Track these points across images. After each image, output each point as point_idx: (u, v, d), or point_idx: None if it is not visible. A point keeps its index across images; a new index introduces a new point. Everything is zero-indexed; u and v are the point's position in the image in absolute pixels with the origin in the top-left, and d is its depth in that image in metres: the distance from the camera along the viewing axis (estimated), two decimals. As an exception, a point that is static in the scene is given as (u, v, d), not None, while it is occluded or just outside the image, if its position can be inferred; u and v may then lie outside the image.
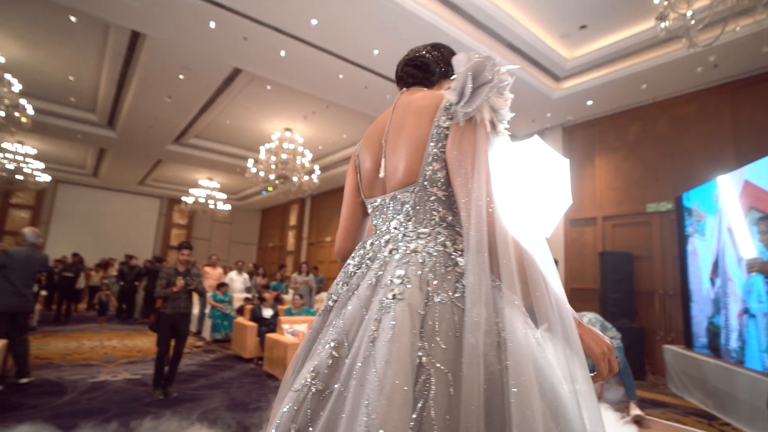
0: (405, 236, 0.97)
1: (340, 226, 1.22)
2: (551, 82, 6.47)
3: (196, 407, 3.77)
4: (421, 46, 1.20)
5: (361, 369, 0.77)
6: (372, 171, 1.09)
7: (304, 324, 5.39)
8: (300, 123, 8.80)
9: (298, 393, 0.82)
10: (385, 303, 0.83)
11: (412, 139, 0.99)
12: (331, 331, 0.89)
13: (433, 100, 1.00)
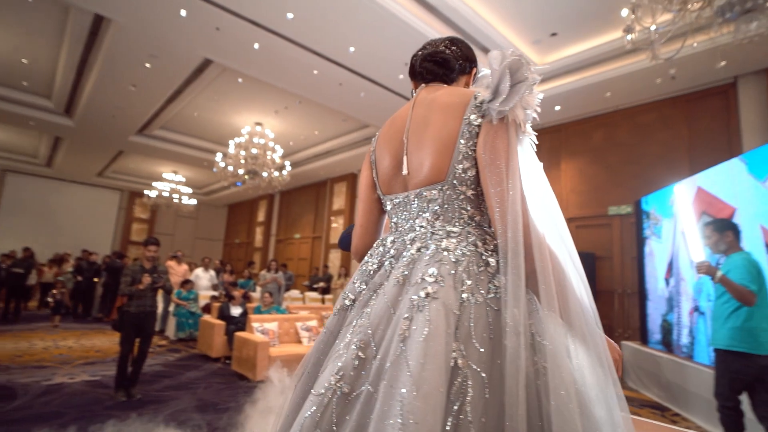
0: (434, 234, 0.94)
1: (357, 223, 1.19)
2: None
3: (163, 409, 3.65)
4: (438, 39, 1.16)
5: (391, 369, 0.74)
6: (392, 168, 1.06)
7: (275, 322, 5.31)
8: (271, 117, 8.64)
9: (321, 396, 0.78)
10: (416, 301, 0.81)
11: (439, 137, 0.97)
12: (355, 331, 0.87)
13: (461, 97, 0.98)
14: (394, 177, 1.06)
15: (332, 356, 0.88)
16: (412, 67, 1.16)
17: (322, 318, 6.35)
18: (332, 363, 0.84)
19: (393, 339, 0.79)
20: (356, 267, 4.82)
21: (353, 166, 11.01)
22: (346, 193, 11.48)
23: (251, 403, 3.54)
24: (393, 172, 1.06)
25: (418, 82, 1.15)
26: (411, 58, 1.19)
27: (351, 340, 0.85)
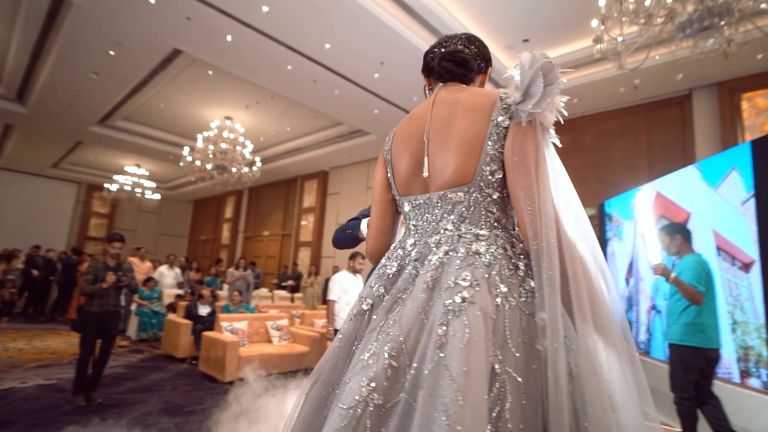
0: (461, 238, 0.92)
1: (372, 225, 1.14)
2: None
3: (127, 412, 3.51)
4: (455, 37, 1.12)
5: (430, 378, 0.71)
6: (410, 168, 1.03)
7: (244, 321, 5.21)
8: (242, 112, 8.44)
9: (352, 410, 0.74)
10: (452, 306, 0.78)
11: (465, 138, 0.95)
12: (382, 339, 0.83)
13: (487, 98, 0.97)
14: (413, 177, 1.03)
15: (356, 366, 0.84)
16: (428, 65, 1.13)
17: (292, 317, 6.27)
18: (360, 374, 0.80)
19: (428, 346, 0.76)
20: (328, 266, 4.87)
21: (325, 164, 10.93)
22: (317, 190, 11.37)
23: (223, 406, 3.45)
24: (412, 172, 1.03)
25: (435, 80, 1.12)
26: (426, 54, 1.15)
27: (380, 349, 0.81)
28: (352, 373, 0.84)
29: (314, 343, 5.24)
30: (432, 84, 1.15)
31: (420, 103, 4.32)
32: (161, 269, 8.29)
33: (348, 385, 0.81)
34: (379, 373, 0.78)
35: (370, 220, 1.15)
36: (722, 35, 3.49)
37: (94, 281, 3.70)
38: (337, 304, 3.96)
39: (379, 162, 1.16)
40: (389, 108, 7.17)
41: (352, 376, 0.82)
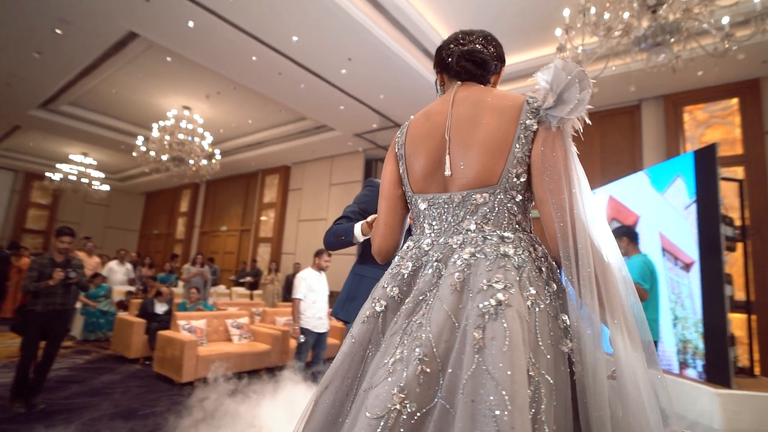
0: (486, 239, 0.91)
1: (381, 221, 1.10)
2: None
3: (74, 418, 3.29)
4: (472, 34, 1.10)
5: (470, 382, 0.70)
6: (428, 165, 1.01)
7: (203, 320, 5.02)
8: (201, 102, 8.11)
9: (383, 419, 0.72)
10: (488, 309, 0.77)
11: (493, 139, 0.94)
12: (412, 342, 0.81)
13: (514, 100, 0.96)
14: (431, 175, 1.01)
15: (379, 371, 0.81)
16: (443, 61, 1.10)
17: (253, 315, 6.12)
18: (388, 380, 0.77)
19: (464, 350, 0.75)
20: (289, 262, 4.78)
21: (287, 159, 10.72)
22: (278, 185, 11.14)
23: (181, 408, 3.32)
24: (430, 169, 1.01)
25: (450, 78, 1.10)
26: (441, 50, 1.12)
27: (409, 354, 0.79)
28: (375, 378, 0.81)
29: (276, 341, 5.14)
30: (445, 80, 1.13)
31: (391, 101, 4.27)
32: (111, 265, 7.82)
33: (373, 392, 0.77)
34: (411, 379, 0.75)
35: (378, 216, 1.11)
36: (672, 51, 3.74)
37: (39, 278, 3.44)
38: (303, 303, 3.90)
39: (390, 157, 1.12)
40: (355, 105, 7.13)
41: (376, 383, 0.79)
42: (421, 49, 5.77)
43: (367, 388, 0.81)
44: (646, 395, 0.76)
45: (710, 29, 3.74)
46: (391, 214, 1.08)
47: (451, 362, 0.77)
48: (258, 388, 3.32)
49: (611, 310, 0.81)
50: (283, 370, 5.16)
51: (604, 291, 0.81)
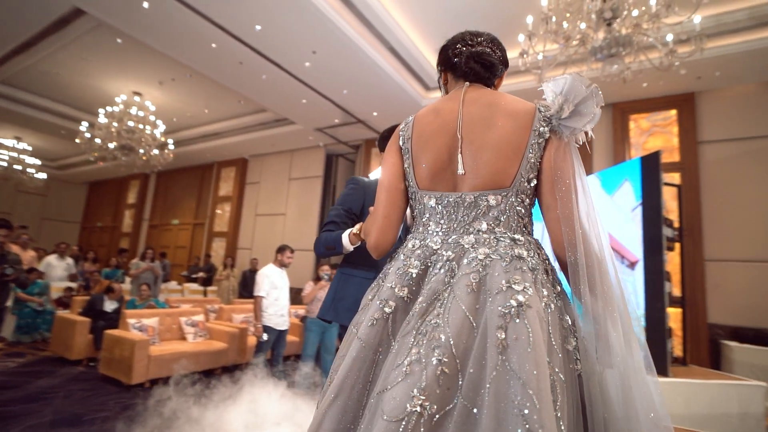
0: (499, 241, 0.93)
1: (380, 215, 1.06)
2: (421, 90, 7.00)
3: (11, 427, 3.02)
4: (479, 36, 1.11)
5: (495, 382, 0.72)
6: (437, 162, 1.01)
7: (155, 318, 4.78)
8: (154, 88, 7.68)
9: (404, 422, 0.72)
10: (509, 310, 0.79)
11: (507, 142, 0.96)
12: (429, 342, 0.80)
13: (526, 106, 1.00)
14: (440, 173, 1.01)
15: (394, 373, 0.80)
16: (449, 60, 1.11)
17: (208, 312, 5.91)
18: (405, 381, 0.76)
19: (486, 350, 0.76)
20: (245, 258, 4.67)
21: (245, 151, 10.40)
22: (234, 178, 10.78)
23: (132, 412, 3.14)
24: (439, 167, 1.01)
25: (457, 78, 1.11)
26: (447, 49, 1.12)
27: (427, 354, 0.79)
28: (388, 381, 0.80)
29: (233, 339, 4.99)
30: (449, 79, 1.14)
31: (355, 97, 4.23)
32: (49, 259, 7.25)
33: (389, 395, 0.77)
34: (431, 381, 0.75)
35: (376, 209, 1.08)
36: (623, 63, 3.98)
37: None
38: (265, 300, 3.81)
39: (393, 150, 1.09)
40: (318, 99, 7.02)
41: (391, 385, 0.78)
42: (387, 46, 5.78)
43: (380, 391, 0.80)
44: (642, 393, 0.81)
45: (657, 44, 4.01)
46: (392, 208, 1.06)
47: (471, 362, 0.78)
48: (217, 388, 3.22)
49: (610, 312, 0.85)
50: (242, 369, 5.03)
51: (601, 293, 0.86)
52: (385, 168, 1.09)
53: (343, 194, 1.82)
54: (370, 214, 1.10)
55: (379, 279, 1.06)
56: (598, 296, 0.86)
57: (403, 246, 1.04)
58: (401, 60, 6.16)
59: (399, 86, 6.48)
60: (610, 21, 3.77)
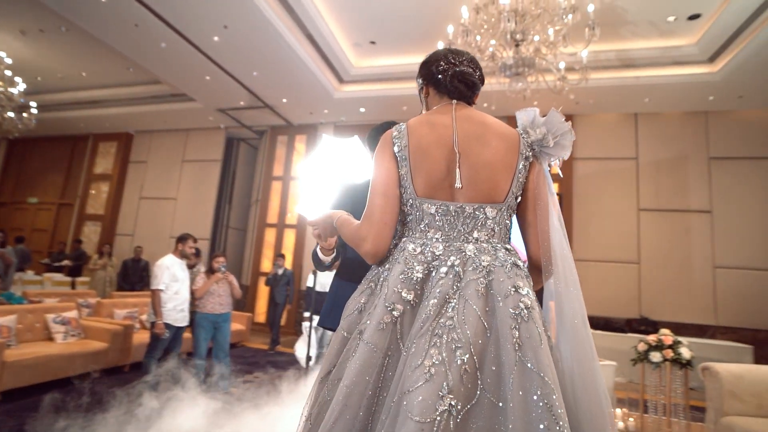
0: (497, 250, 1.01)
1: (377, 220, 1.06)
2: (336, 82, 6.94)
3: None
4: (461, 55, 1.18)
5: (517, 377, 0.81)
6: (438, 173, 1.06)
7: (11, 315, 3.98)
8: (13, 38, 6.38)
9: (436, 422, 0.77)
10: (519, 312, 0.90)
11: (502, 161, 1.06)
12: (448, 343, 0.85)
13: (513, 131, 1.12)
14: (440, 183, 1.06)
15: (413, 374, 0.83)
16: (433, 76, 1.17)
17: (80, 307, 5.13)
18: (430, 383, 0.80)
19: (502, 348, 0.86)
20: (125, 245, 4.29)
21: (130, 125, 9.23)
22: (116, 155, 9.51)
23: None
24: (438, 177, 1.06)
25: (440, 93, 1.18)
26: (430, 64, 1.19)
27: (449, 356, 0.84)
28: (408, 382, 0.83)
29: (116, 338, 4.41)
30: (430, 93, 1.21)
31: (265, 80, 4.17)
32: None
33: (412, 396, 0.80)
34: (456, 379, 0.81)
35: (372, 213, 1.07)
36: (526, 81, 4.44)
37: None
38: (164, 294, 3.44)
39: (388, 156, 1.10)
40: (224, 77, 6.53)
41: (413, 386, 0.81)
42: (306, 33, 5.61)
43: (403, 393, 0.82)
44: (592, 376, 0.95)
45: (552, 69, 4.55)
46: (390, 213, 1.07)
47: (489, 360, 0.87)
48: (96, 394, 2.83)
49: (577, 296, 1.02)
50: (126, 371, 4.47)
51: (572, 282, 1.03)
52: (380, 173, 1.09)
53: (333, 202, 1.80)
54: (364, 220, 1.08)
55: (371, 283, 1.07)
56: (570, 285, 1.02)
57: (400, 250, 1.06)
58: (319, 49, 6.02)
59: (314, 75, 6.33)
60: (518, 42, 4.17)
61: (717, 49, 5.32)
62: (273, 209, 8.43)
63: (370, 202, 1.07)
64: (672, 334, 2.95)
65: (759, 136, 6.40)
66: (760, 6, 4.50)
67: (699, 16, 4.97)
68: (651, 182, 6.72)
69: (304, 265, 8.02)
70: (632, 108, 6.71)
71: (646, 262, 6.54)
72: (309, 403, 0.99)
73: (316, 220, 1.28)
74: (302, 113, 7.94)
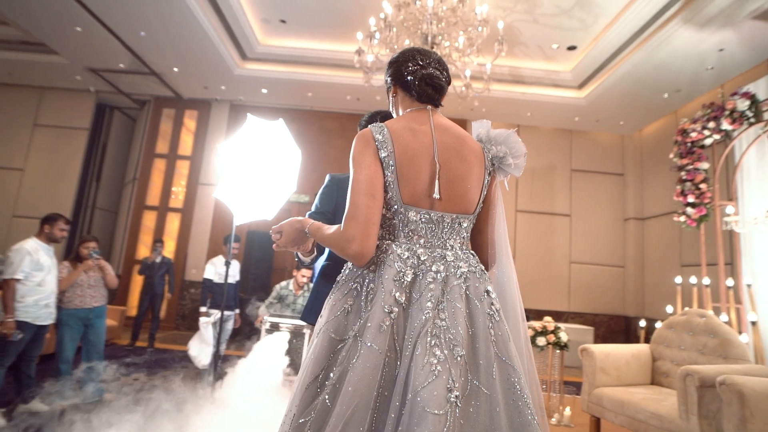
0: (468, 258, 1.12)
1: (363, 220, 1.03)
2: (238, 58, 6.44)
3: None
4: (429, 57, 1.21)
5: (499, 370, 0.97)
6: (422, 181, 1.10)
7: None
8: None
9: (449, 412, 0.87)
10: (492, 313, 1.05)
11: (475, 177, 1.15)
12: (447, 343, 0.96)
13: (479, 146, 1.21)
14: (424, 191, 1.10)
15: (424, 372, 0.90)
16: (402, 77, 1.20)
17: None
18: (441, 378, 0.90)
19: (483, 344, 1.00)
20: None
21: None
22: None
23: None
24: (421, 186, 1.10)
25: (410, 96, 1.21)
26: (399, 64, 1.22)
27: (450, 353, 0.95)
28: (420, 379, 0.89)
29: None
30: (398, 93, 1.23)
31: (154, 44, 3.84)
32: None
33: (427, 391, 0.87)
34: (456, 373, 0.93)
35: (356, 212, 1.03)
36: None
37: None
38: (23, 285, 2.81)
39: (371, 158, 1.08)
40: (101, 32, 5.56)
41: (428, 382, 0.89)
42: (212, 2, 5.09)
43: (416, 390, 0.88)
44: None
45: (460, 75, 4.86)
46: (377, 214, 1.06)
47: (476, 355, 0.99)
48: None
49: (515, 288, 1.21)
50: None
51: (508, 282, 1.20)
52: (365, 173, 1.07)
53: (318, 194, 1.75)
54: (349, 220, 1.03)
55: (355, 284, 1.08)
56: (511, 276, 1.20)
57: (385, 252, 1.08)
58: (223, 19, 5.51)
59: (214, 46, 5.78)
60: (432, 45, 4.35)
61: (585, 78, 6.26)
62: (154, 190, 7.51)
63: (355, 202, 1.04)
64: (553, 321, 3.42)
65: (608, 155, 7.73)
66: (619, 47, 5.41)
67: (575, 48, 5.78)
68: (527, 187, 7.63)
69: (191, 253, 7.33)
70: (516, 120, 7.53)
71: (520, 258, 7.44)
72: (296, 412, 0.94)
73: (280, 227, 1.21)
74: (195, 87, 7.20)
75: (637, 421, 2.34)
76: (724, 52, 4.99)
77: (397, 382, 0.92)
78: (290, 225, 1.19)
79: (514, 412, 0.95)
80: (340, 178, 1.77)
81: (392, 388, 0.92)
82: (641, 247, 7.28)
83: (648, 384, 2.83)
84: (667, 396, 2.46)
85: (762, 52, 4.98)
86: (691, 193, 3.88)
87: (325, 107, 7.69)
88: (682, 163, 4.01)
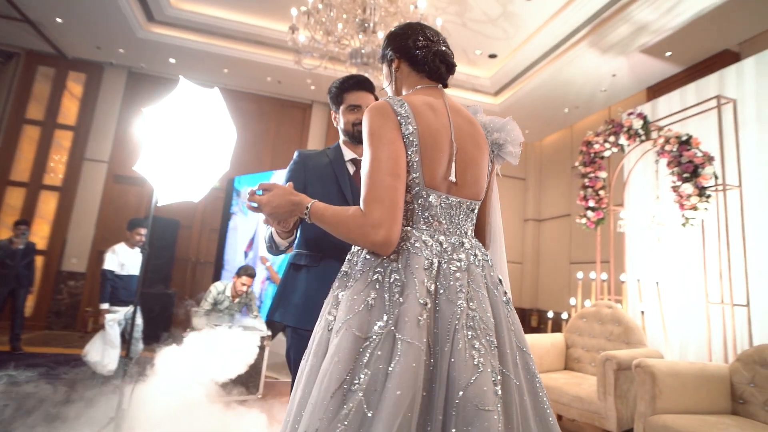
0: (479, 245, 1.10)
1: (395, 203, 0.92)
2: (143, 19, 5.65)
3: None
4: (438, 35, 1.17)
5: (520, 359, 0.97)
6: (441, 164, 1.03)
7: None
8: None
9: (497, 407, 0.85)
10: (506, 301, 1.04)
11: (485, 162, 1.13)
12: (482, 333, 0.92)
13: (484, 133, 1.18)
14: (443, 174, 1.03)
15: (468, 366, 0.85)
16: (408, 51, 1.13)
17: None
18: (485, 371, 0.86)
19: (506, 332, 0.97)
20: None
21: None
22: None
23: None
24: (441, 168, 1.03)
25: (417, 72, 1.14)
26: (407, 37, 1.15)
27: (488, 344, 0.91)
28: (465, 375, 0.84)
29: None
30: (404, 69, 1.15)
31: None
32: None
33: (475, 388, 0.83)
34: (495, 365, 0.90)
35: (386, 196, 0.92)
36: (372, 74, 4.58)
37: None
38: None
39: (394, 133, 0.98)
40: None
41: (473, 378, 0.84)
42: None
43: (463, 387, 0.83)
44: None
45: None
46: (402, 198, 0.96)
47: (502, 344, 0.96)
48: None
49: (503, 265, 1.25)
50: None
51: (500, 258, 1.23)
52: (388, 150, 0.96)
53: (285, 174, 1.55)
54: (374, 203, 0.90)
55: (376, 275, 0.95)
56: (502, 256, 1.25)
57: (410, 240, 0.98)
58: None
59: (116, 3, 4.98)
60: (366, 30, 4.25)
61: (502, 86, 6.70)
62: (23, 163, 6.27)
63: (378, 182, 0.92)
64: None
65: (516, 161, 8.40)
66: (534, 60, 5.89)
67: (496, 56, 6.15)
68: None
69: (71, 240, 6.28)
70: (436, 120, 7.80)
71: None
72: (320, 427, 0.78)
73: (268, 199, 1.02)
74: (85, 45, 6.15)
75: (560, 404, 2.55)
76: (616, 78, 5.71)
77: (437, 380, 0.84)
78: (282, 195, 1.02)
79: (536, 400, 0.94)
80: (308, 154, 1.59)
81: (429, 387, 0.84)
82: (537, 246, 8.05)
83: (562, 369, 3.11)
84: (582, 380, 2.72)
85: (643, 81, 5.81)
86: (592, 198, 4.37)
87: (241, 87, 7.14)
88: (585, 171, 4.49)
